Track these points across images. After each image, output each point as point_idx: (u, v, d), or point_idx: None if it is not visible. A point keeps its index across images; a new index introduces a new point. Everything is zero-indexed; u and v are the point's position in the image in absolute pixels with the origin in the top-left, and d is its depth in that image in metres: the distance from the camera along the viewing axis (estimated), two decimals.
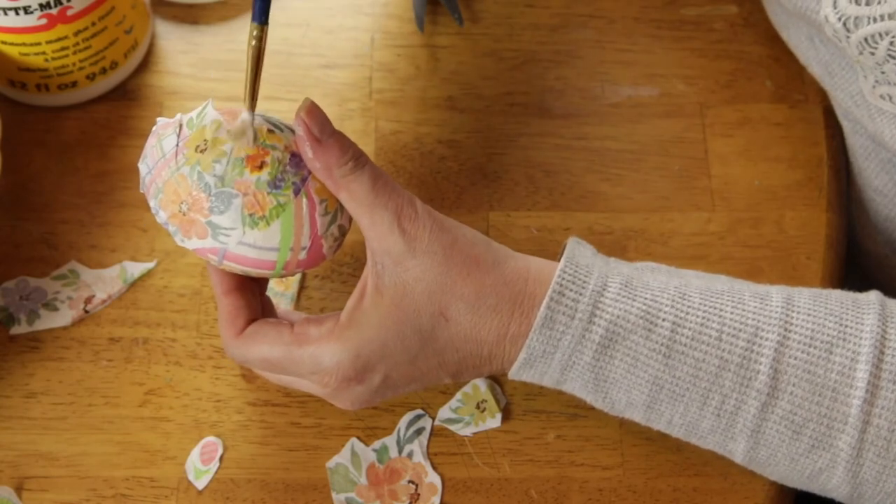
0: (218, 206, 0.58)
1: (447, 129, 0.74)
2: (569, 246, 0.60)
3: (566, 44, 0.77)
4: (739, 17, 0.78)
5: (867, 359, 0.57)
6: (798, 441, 0.58)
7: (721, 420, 0.58)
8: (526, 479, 0.64)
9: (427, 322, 0.58)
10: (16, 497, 0.63)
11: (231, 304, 0.61)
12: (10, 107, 0.74)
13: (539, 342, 0.58)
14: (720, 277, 0.62)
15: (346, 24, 0.78)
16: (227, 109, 0.60)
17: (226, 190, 0.58)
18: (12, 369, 0.67)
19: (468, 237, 0.59)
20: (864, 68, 0.63)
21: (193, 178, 0.58)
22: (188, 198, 0.58)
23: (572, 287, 0.58)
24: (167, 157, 0.59)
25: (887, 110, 0.64)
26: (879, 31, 0.59)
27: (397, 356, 0.59)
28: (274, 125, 0.60)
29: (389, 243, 0.57)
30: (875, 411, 0.56)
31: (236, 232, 0.58)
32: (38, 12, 0.68)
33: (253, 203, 0.58)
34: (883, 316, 0.58)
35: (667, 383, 0.58)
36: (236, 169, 0.58)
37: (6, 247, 0.70)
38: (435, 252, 0.57)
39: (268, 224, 0.58)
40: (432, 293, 0.58)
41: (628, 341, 0.58)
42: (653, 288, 0.59)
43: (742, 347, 0.57)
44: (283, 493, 0.64)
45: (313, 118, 0.58)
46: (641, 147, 0.74)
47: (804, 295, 0.59)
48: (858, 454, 0.57)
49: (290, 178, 0.58)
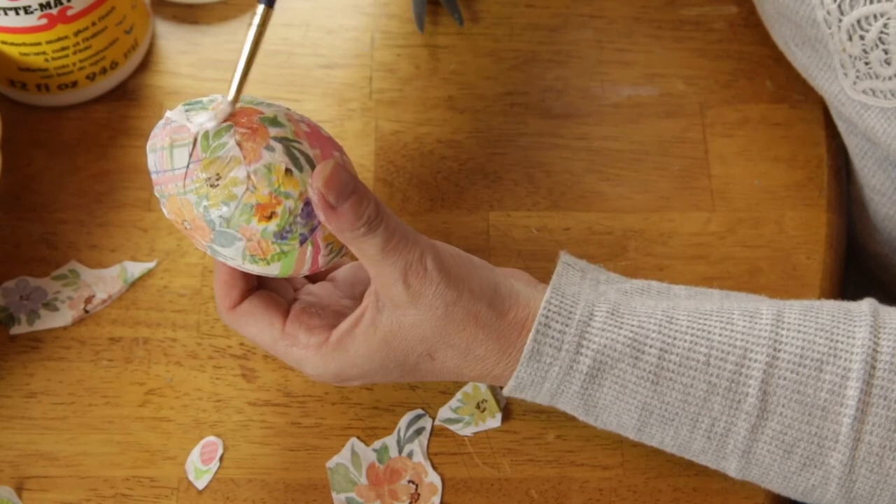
0: (220, 240, 0.57)
1: (447, 129, 0.74)
2: (557, 271, 0.61)
3: (566, 44, 0.77)
4: (739, 17, 0.78)
5: (858, 375, 0.56)
6: (789, 460, 0.58)
7: (711, 442, 0.58)
8: (526, 479, 0.64)
9: (413, 359, 0.59)
10: (16, 497, 0.63)
11: (227, 272, 0.61)
12: (10, 107, 0.74)
13: (527, 374, 0.59)
14: (712, 293, 0.62)
15: (346, 24, 0.78)
16: (248, 126, 0.57)
17: (230, 231, 0.56)
18: (12, 369, 0.67)
19: (474, 291, 0.58)
20: (845, 64, 0.63)
21: (199, 210, 0.56)
22: (191, 221, 0.57)
23: (558, 318, 0.58)
24: (176, 172, 0.57)
25: (872, 104, 0.64)
26: (874, 12, 0.60)
27: (376, 377, 0.61)
28: (295, 161, 0.57)
29: (393, 293, 0.58)
30: (866, 428, 0.56)
31: (235, 262, 0.58)
32: (38, 12, 0.68)
33: (255, 248, 0.57)
34: (875, 328, 0.57)
35: (656, 409, 0.58)
36: (244, 216, 0.56)
37: (6, 247, 0.70)
38: (436, 307, 0.58)
39: (268, 265, 0.58)
40: (425, 338, 0.59)
41: (616, 370, 0.58)
42: (640, 314, 0.59)
43: (730, 371, 0.57)
44: (283, 493, 0.64)
45: (330, 187, 0.56)
46: (641, 147, 0.74)
47: (794, 310, 0.59)
48: (851, 471, 0.57)
49: (298, 228, 0.57)
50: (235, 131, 0.56)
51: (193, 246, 0.70)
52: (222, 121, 0.57)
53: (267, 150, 0.56)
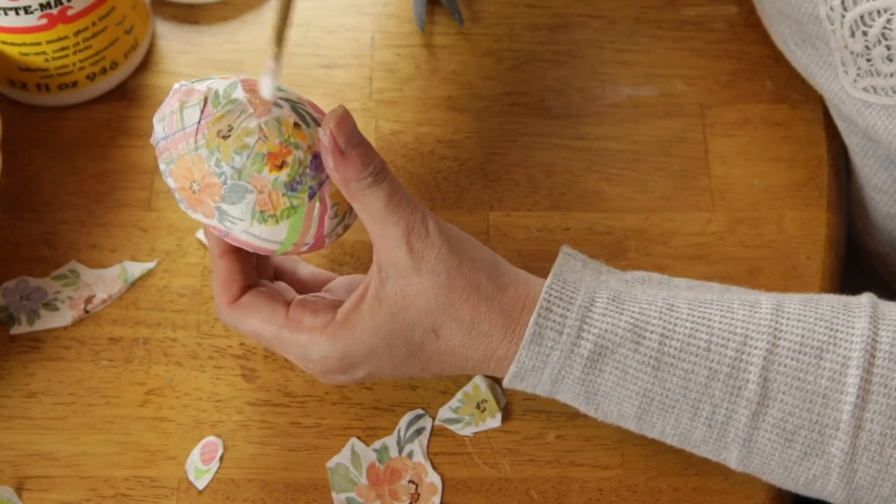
0: (230, 196, 0.57)
1: (447, 129, 0.74)
2: (558, 260, 0.61)
3: (566, 44, 0.77)
4: (739, 17, 0.78)
5: (858, 363, 0.57)
6: (790, 448, 0.58)
7: (713, 430, 0.58)
8: (526, 479, 0.64)
9: (418, 336, 0.59)
10: (16, 497, 0.63)
11: (226, 268, 0.61)
12: (10, 107, 0.74)
13: (528, 358, 0.59)
14: (712, 286, 0.62)
15: (346, 24, 0.78)
16: (253, 87, 0.58)
17: (241, 184, 0.57)
18: (12, 369, 0.67)
19: (475, 261, 0.59)
20: (846, 61, 0.63)
21: (210, 164, 0.57)
22: (201, 179, 0.57)
23: (559, 303, 0.58)
24: (187, 130, 0.58)
25: (873, 102, 0.64)
26: (878, 8, 0.60)
27: (383, 360, 0.60)
28: (301, 118, 0.59)
29: (396, 257, 0.58)
30: (867, 416, 0.56)
31: (244, 223, 0.58)
32: (38, 12, 0.68)
33: (266, 201, 0.57)
34: (874, 319, 0.58)
35: (657, 395, 0.58)
36: (255, 164, 0.57)
37: (6, 247, 0.70)
38: (439, 273, 0.58)
39: (276, 222, 0.58)
40: (429, 311, 0.58)
41: (617, 355, 0.58)
42: (640, 301, 0.59)
43: (731, 357, 0.58)
44: (283, 493, 0.64)
45: (341, 129, 0.57)
46: (641, 147, 0.74)
47: (794, 301, 0.59)
48: (852, 460, 0.57)
49: (307, 181, 0.58)
50: (244, 88, 0.58)
51: (194, 246, 0.70)
52: (275, 79, 0.57)
53: (275, 106, 0.58)
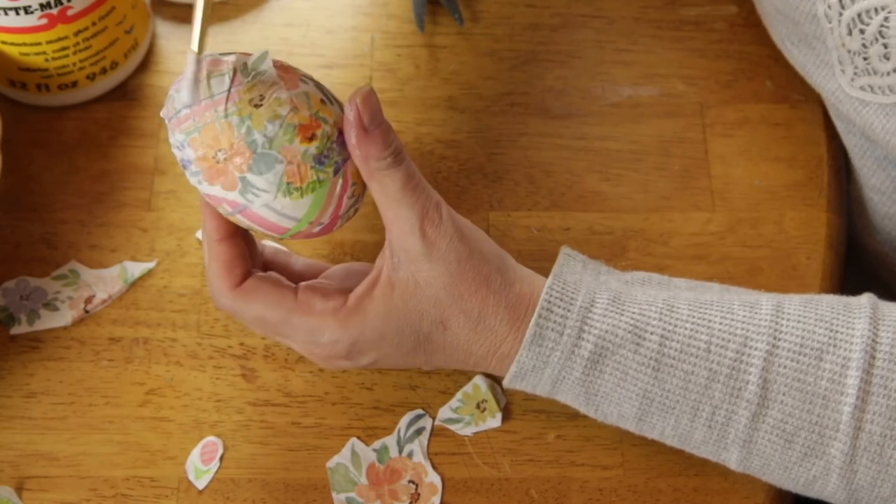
0: (258, 166, 0.57)
1: (447, 129, 0.74)
2: (558, 261, 0.61)
3: (566, 44, 0.77)
4: (739, 17, 0.78)
5: (858, 365, 0.57)
6: (790, 449, 0.58)
7: (712, 431, 0.58)
8: (526, 479, 0.64)
9: (427, 327, 0.59)
10: (16, 497, 0.63)
11: (227, 252, 0.60)
12: (10, 107, 0.74)
13: (529, 358, 0.59)
14: (712, 287, 0.62)
15: (346, 24, 0.78)
16: (280, 64, 0.59)
17: (272, 153, 0.57)
18: (12, 369, 0.67)
19: (484, 253, 0.59)
20: (843, 60, 0.63)
21: (241, 131, 0.57)
22: (229, 148, 0.57)
23: (560, 304, 0.58)
24: (216, 97, 0.57)
25: (870, 101, 0.64)
26: (875, 6, 0.60)
27: (390, 349, 0.60)
28: (326, 96, 0.59)
29: (408, 242, 0.58)
30: (867, 417, 0.56)
31: (268, 195, 0.57)
32: (38, 12, 0.68)
33: (294, 173, 0.57)
34: (874, 320, 0.58)
35: (657, 396, 0.58)
36: (287, 135, 0.57)
37: (6, 247, 0.70)
38: (449, 261, 0.58)
39: (301, 196, 0.58)
40: (439, 300, 0.58)
41: (617, 356, 0.58)
42: (641, 302, 0.59)
43: (731, 358, 0.58)
44: (283, 493, 0.64)
45: (367, 106, 0.57)
46: (641, 147, 0.74)
47: (794, 302, 0.59)
48: (852, 461, 0.57)
49: (334, 156, 0.58)
50: (272, 62, 0.58)
51: (194, 246, 0.70)
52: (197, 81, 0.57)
53: (301, 82, 0.59)
